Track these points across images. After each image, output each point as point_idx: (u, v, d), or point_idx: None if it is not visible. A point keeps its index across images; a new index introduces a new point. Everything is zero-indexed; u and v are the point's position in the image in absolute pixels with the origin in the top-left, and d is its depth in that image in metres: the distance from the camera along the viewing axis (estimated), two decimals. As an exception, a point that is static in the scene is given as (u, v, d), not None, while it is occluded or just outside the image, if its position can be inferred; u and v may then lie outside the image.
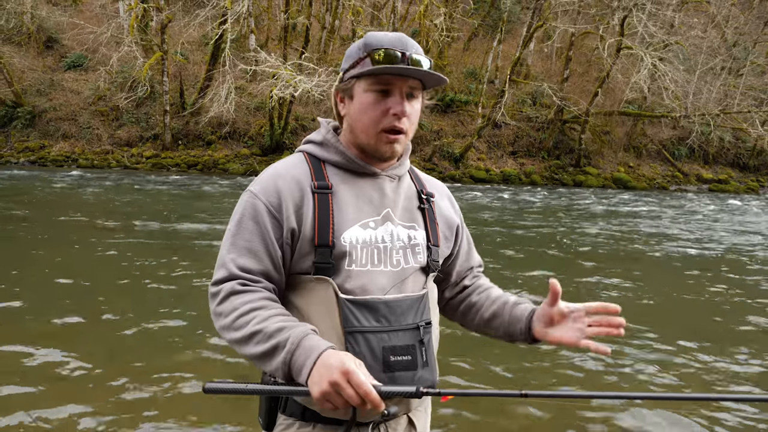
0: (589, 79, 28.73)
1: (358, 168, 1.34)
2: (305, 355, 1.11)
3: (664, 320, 5.53)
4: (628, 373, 4.18)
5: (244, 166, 22.13)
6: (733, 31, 30.57)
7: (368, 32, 1.34)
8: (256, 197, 1.29)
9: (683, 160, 27.87)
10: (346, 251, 1.27)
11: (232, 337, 1.21)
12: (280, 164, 1.36)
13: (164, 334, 4.55)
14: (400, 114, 1.28)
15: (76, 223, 9.61)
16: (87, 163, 22.03)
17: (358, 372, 1.07)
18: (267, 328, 1.16)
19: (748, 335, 5.18)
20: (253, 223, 1.27)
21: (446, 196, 1.54)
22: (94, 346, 4.24)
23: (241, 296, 1.22)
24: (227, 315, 1.21)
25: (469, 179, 24.02)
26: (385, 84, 1.28)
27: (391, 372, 1.24)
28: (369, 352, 1.23)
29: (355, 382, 1.06)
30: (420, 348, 1.29)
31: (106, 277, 6.17)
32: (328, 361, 1.09)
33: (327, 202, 1.28)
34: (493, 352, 4.45)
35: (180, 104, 23.81)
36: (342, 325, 1.23)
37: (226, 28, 20.46)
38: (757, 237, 11.62)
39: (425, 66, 1.29)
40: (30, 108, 23.18)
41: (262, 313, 1.19)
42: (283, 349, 1.13)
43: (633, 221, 13.26)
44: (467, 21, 28.56)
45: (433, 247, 1.40)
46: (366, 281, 1.27)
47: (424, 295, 1.36)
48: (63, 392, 3.48)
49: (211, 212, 11.27)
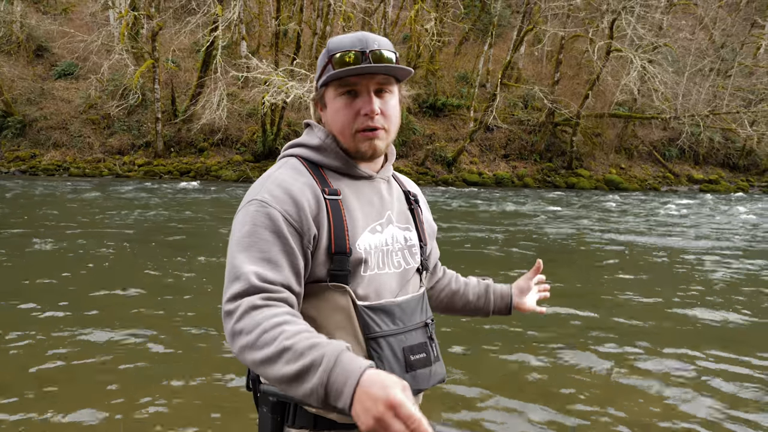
0: (579, 81, 28.94)
1: (356, 172, 1.33)
2: (344, 376, 0.97)
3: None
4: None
5: (236, 172, 22.09)
6: (721, 32, 30.90)
7: (332, 38, 1.33)
8: (269, 206, 1.20)
9: (674, 161, 28.09)
10: (362, 258, 1.26)
11: (256, 358, 1.05)
12: (283, 171, 1.29)
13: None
14: (371, 113, 1.26)
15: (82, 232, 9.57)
16: (78, 172, 21.92)
17: (405, 403, 0.92)
18: (297, 345, 1.02)
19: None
20: (270, 233, 1.18)
21: (419, 194, 1.56)
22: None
23: (264, 310, 1.09)
24: (249, 332, 1.07)
25: (461, 183, 24.10)
26: (351, 86, 1.27)
27: (413, 371, 1.27)
28: (392, 356, 1.24)
29: (404, 415, 0.92)
30: (431, 344, 1.34)
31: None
32: (370, 390, 0.94)
33: (339, 209, 1.26)
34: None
35: (172, 111, 23.75)
36: (363, 332, 1.23)
37: (217, 35, 20.46)
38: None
39: (388, 60, 1.26)
40: (20, 117, 23.07)
41: (289, 329, 1.05)
42: (319, 367, 0.98)
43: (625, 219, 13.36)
44: (458, 25, 28.71)
45: (424, 247, 1.43)
46: (377, 285, 1.28)
47: (424, 294, 1.41)
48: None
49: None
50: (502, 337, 4.87)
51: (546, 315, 1.70)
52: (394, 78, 1.30)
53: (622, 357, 4.48)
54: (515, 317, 4.99)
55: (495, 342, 4.74)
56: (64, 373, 3.90)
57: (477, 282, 1.71)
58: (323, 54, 1.31)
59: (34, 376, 3.84)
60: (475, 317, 1.72)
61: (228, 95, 21.47)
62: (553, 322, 5.28)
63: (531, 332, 5.00)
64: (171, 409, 3.42)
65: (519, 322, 5.14)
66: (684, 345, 4.76)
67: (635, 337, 4.95)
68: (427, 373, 1.29)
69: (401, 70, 1.28)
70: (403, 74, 1.30)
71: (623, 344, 4.75)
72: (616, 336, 4.96)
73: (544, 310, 1.72)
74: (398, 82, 1.34)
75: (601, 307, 5.92)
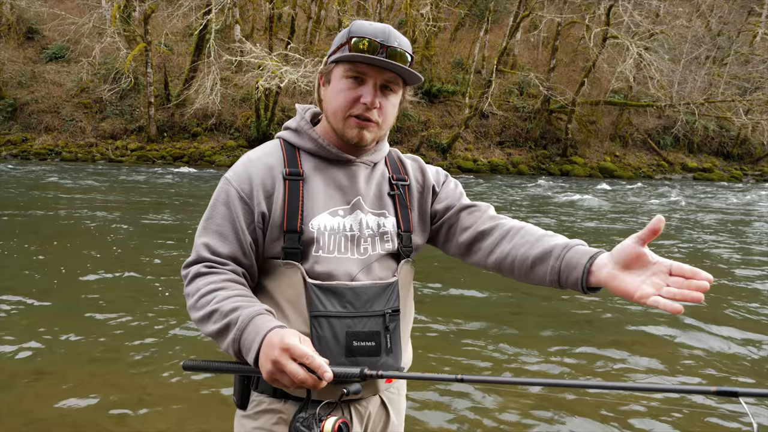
0: (575, 68, 28.84)
1: (331, 155, 1.36)
2: (253, 334, 1.12)
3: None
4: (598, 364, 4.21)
5: (230, 158, 21.97)
6: (717, 20, 30.79)
7: (357, 21, 1.34)
8: (230, 183, 1.31)
9: (668, 149, 28.12)
10: (314, 237, 1.29)
11: (195, 317, 1.23)
12: (255, 151, 1.38)
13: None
14: (370, 104, 1.28)
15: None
16: (71, 156, 21.76)
17: (298, 345, 1.07)
18: (223, 307, 1.18)
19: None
20: (225, 208, 1.30)
21: (419, 169, 1.48)
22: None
23: (205, 278, 1.25)
24: (192, 295, 1.25)
25: (456, 169, 24.06)
26: (360, 73, 1.29)
27: (353, 357, 1.27)
28: (332, 337, 1.26)
29: (298, 354, 1.06)
30: (385, 335, 1.31)
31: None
32: (271, 340, 1.09)
33: (297, 189, 1.31)
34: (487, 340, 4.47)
35: (165, 96, 23.56)
36: (308, 309, 1.26)
37: (210, 19, 20.24)
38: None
39: (403, 61, 1.29)
40: (11, 101, 22.82)
41: (221, 294, 1.21)
42: (234, 327, 1.15)
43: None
44: (454, 11, 28.50)
45: (404, 234, 1.39)
46: (333, 267, 1.29)
47: (394, 283, 1.35)
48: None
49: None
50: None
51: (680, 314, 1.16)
52: (403, 80, 1.33)
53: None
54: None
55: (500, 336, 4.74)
56: (57, 364, 3.88)
57: (553, 245, 1.24)
58: (345, 32, 1.32)
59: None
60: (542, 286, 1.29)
61: (221, 80, 21.28)
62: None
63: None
64: (158, 386, 3.42)
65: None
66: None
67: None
68: (372, 362, 1.28)
69: (411, 74, 1.30)
70: (412, 78, 1.32)
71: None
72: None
73: (670, 307, 1.03)
74: (406, 85, 1.36)
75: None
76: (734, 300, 5.89)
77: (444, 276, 6.44)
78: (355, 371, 1.11)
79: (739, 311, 5.51)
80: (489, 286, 6.07)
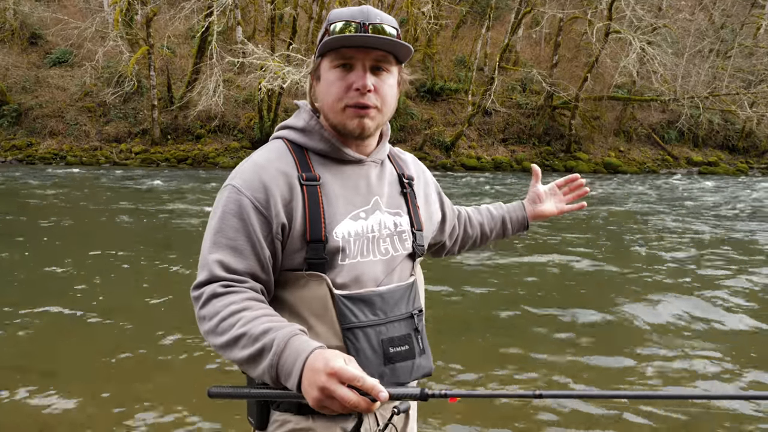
0: (578, 64, 28.71)
1: (343, 156, 1.28)
2: (293, 358, 1.02)
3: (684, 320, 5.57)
4: (649, 370, 4.10)
5: (234, 159, 21.99)
6: (721, 13, 30.59)
7: (335, 9, 1.28)
8: (240, 192, 1.19)
9: (673, 144, 27.96)
10: (340, 246, 1.21)
11: (217, 343, 1.12)
12: (261, 155, 1.27)
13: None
14: (362, 88, 1.20)
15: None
16: (75, 160, 21.83)
17: (345, 368, 0.97)
18: (252, 330, 1.07)
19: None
20: (237, 220, 1.18)
21: (421, 170, 1.50)
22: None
23: (223, 298, 1.13)
24: (210, 319, 1.12)
25: (460, 167, 24.02)
26: (346, 58, 1.21)
27: (392, 364, 1.22)
28: (369, 347, 1.20)
29: (348, 377, 0.96)
30: (416, 336, 1.28)
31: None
32: (314, 365, 0.99)
33: (316, 195, 1.22)
34: (498, 350, 4.46)
35: (168, 98, 23.60)
36: (339, 321, 1.19)
37: (212, 21, 20.26)
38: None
39: (389, 34, 1.21)
40: (16, 106, 22.91)
41: (246, 315, 1.10)
42: (270, 351, 1.04)
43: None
44: (455, 8, 28.42)
45: (417, 232, 1.36)
46: (358, 274, 1.23)
47: (413, 283, 1.34)
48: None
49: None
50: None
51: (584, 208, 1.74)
52: (394, 57, 1.25)
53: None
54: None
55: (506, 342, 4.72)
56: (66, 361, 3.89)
57: (497, 210, 1.73)
58: (324, 24, 1.27)
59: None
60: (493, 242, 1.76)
61: (224, 81, 21.30)
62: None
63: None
64: (164, 391, 3.42)
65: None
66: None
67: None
68: (408, 366, 1.24)
69: (401, 47, 1.21)
70: (403, 52, 1.24)
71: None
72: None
73: (575, 207, 1.70)
74: (398, 63, 1.28)
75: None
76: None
77: (444, 276, 6.42)
78: (416, 392, 1.01)
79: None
80: (489, 286, 6.04)
